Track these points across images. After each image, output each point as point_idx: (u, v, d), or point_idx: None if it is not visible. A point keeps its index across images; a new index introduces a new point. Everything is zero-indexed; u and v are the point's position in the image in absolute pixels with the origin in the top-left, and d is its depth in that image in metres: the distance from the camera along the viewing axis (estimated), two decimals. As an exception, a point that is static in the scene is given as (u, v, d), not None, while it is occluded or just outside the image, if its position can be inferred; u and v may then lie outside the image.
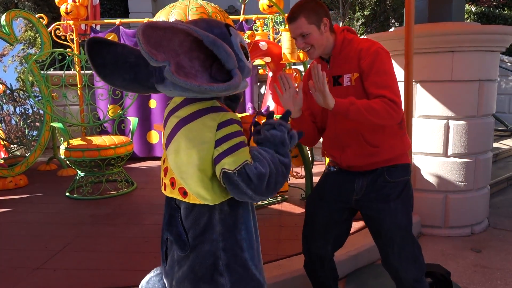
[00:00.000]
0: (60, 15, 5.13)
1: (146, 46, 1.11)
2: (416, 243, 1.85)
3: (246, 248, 1.40)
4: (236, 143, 1.26)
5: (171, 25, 1.16)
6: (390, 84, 1.68)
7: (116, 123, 4.42)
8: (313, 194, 2.02)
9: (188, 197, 1.35)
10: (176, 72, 1.14)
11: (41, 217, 3.38)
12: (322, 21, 1.75)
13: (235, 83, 1.21)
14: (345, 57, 1.78)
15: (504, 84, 6.82)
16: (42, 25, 4.64)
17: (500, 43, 3.11)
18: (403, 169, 1.82)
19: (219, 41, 1.20)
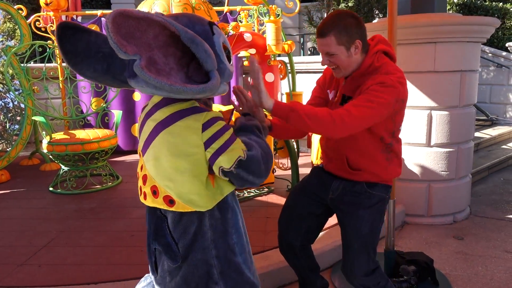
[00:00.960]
0: (40, 6, 5.00)
1: (115, 35, 1.01)
2: (373, 258, 1.82)
3: (239, 252, 1.36)
4: (226, 140, 1.22)
5: (146, 15, 1.06)
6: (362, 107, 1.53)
7: (99, 116, 4.36)
8: (297, 185, 2.05)
9: (176, 205, 1.27)
10: (146, 67, 1.05)
11: (24, 212, 3.33)
12: (353, 43, 1.61)
13: (212, 85, 1.12)
14: (362, 82, 1.65)
15: (485, 74, 6.94)
16: (21, 16, 4.53)
17: (482, 34, 3.15)
18: (383, 187, 1.80)
19: (199, 39, 1.10)
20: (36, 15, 4.89)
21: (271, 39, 3.50)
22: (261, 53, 3.65)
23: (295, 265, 2.03)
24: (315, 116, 1.49)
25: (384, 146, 1.76)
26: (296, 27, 11.12)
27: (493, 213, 3.56)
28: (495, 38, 8.04)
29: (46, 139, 3.74)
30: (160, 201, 1.30)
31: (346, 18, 1.61)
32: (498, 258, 2.76)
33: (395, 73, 1.65)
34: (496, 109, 6.88)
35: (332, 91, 1.85)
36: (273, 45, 3.50)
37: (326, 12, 8.83)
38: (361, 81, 1.66)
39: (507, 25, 8.19)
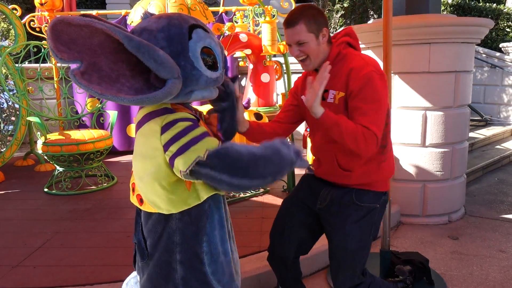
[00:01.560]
0: (35, 6, 4.98)
1: (53, 42, 1.01)
2: (358, 273, 1.77)
3: (208, 261, 1.30)
4: (186, 142, 1.15)
5: (88, 23, 1.03)
6: (375, 116, 1.56)
7: (94, 116, 4.35)
8: (289, 194, 2.01)
9: (144, 205, 1.29)
10: (82, 74, 1.04)
11: (19, 213, 3.31)
12: (321, 31, 1.65)
13: (154, 96, 1.08)
14: (335, 72, 1.65)
15: (479, 75, 6.98)
16: (15, 16, 4.51)
17: (476, 34, 3.18)
18: (374, 195, 1.74)
19: (146, 47, 1.06)
20: (30, 15, 4.87)
21: (267, 39, 3.50)
22: (256, 54, 3.65)
23: (282, 275, 1.97)
24: (353, 136, 1.52)
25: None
26: (292, 27, 11.14)
27: (487, 212, 3.59)
28: (489, 39, 8.09)
29: (41, 140, 3.73)
30: (134, 199, 1.34)
31: (310, 8, 1.66)
32: (492, 258, 2.78)
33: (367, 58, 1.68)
34: (490, 109, 6.92)
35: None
36: (268, 45, 3.50)
37: (322, 13, 8.87)
38: (334, 71, 1.64)
39: (501, 26, 8.25)
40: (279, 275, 1.98)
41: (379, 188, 1.76)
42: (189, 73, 1.17)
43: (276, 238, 1.91)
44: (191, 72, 1.18)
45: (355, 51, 1.72)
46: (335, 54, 1.68)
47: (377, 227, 1.81)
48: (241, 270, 2.29)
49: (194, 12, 3.22)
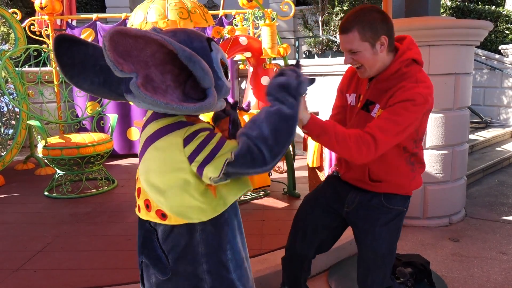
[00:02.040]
0: (35, 10, 4.99)
1: (112, 53, 1.02)
2: (387, 277, 1.75)
3: (233, 268, 1.33)
4: (211, 150, 1.18)
5: (144, 34, 1.06)
6: (388, 126, 1.46)
7: (95, 120, 4.35)
8: (310, 194, 1.94)
9: (168, 219, 1.27)
10: (142, 85, 1.06)
11: (19, 217, 3.31)
12: (379, 39, 1.50)
13: (208, 104, 1.13)
14: (387, 87, 1.55)
15: (478, 77, 6.99)
16: (16, 20, 4.52)
17: (475, 37, 3.19)
18: (402, 199, 1.71)
19: (196, 57, 1.10)
20: (31, 19, 4.88)
21: (267, 42, 3.51)
22: (256, 57, 3.66)
23: (295, 275, 1.95)
24: (344, 142, 1.43)
25: (408, 157, 1.66)
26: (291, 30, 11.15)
27: (488, 214, 3.58)
28: (488, 41, 8.11)
29: (41, 143, 3.73)
30: (153, 215, 1.30)
31: (370, 13, 1.50)
32: (493, 260, 2.78)
33: (425, 81, 1.54)
34: (490, 111, 6.93)
35: (352, 94, 1.73)
36: (268, 48, 3.51)
37: (321, 16, 8.88)
38: (387, 86, 1.55)
39: (500, 28, 8.26)
40: (293, 274, 1.95)
41: (406, 193, 1.73)
42: (216, 83, 1.20)
43: (298, 238, 1.86)
44: (217, 82, 1.21)
45: (417, 70, 1.58)
46: (394, 71, 1.55)
47: (400, 230, 1.79)
48: (242, 273, 2.30)
49: (194, 15, 3.23)
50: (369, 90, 1.63)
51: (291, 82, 1.21)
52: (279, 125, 1.17)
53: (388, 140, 1.47)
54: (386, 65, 1.56)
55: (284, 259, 1.97)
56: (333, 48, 8.53)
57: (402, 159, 1.65)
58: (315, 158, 3.14)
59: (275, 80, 1.24)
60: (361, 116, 1.64)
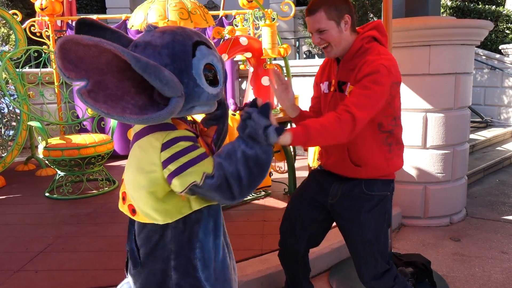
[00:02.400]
0: (35, 11, 5.00)
1: (61, 61, 1.04)
2: (381, 262, 1.78)
3: (201, 267, 1.32)
4: (185, 162, 1.18)
5: (96, 42, 1.05)
6: (363, 101, 1.55)
7: (95, 121, 4.35)
8: (296, 190, 2.02)
9: (137, 215, 1.30)
10: (89, 92, 1.07)
11: (20, 218, 3.31)
12: (343, 18, 1.64)
13: (158, 116, 1.11)
14: (353, 65, 1.66)
15: (479, 76, 6.99)
16: (16, 21, 4.52)
17: (475, 36, 3.19)
18: (383, 184, 1.77)
19: (153, 68, 1.08)
20: (31, 20, 4.89)
21: (267, 42, 3.51)
22: (257, 57, 3.66)
23: (292, 270, 2.00)
24: (326, 132, 1.50)
25: (385, 137, 1.72)
26: (292, 30, 11.15)
27: (489, 214, 3.58)
28: (489, 41, 8.10)
29: (42, 144, 3.73)
30: (126, 208, 1.34)
31: None
32: (494, 259, 2.77)
33: (386, 54, 1.65)
34: (491, 111, 6.93)
35: (325, 82, 1.83)
36: (268, 48, 3.51)
37: (321, 16, 8.88)
38: (353, 64, 1.66)
39: (500, 28, 8.26)
40: (290, 270, 2.01)
41: (387, 177, 1.78)
42: (191, 90, 1.19)
43: (287, 234, 1.94)
44: (193, 89, 1.20)
45: (379, 46, 1.69)
46: (357, 48, 1.67)
47: (390, 214, 1.82)
48: (243, 273, 2.30)
49: (194, 15, 3.23)
50: (339, 72, 1.74)
51: (259, 134, 1.19)
52: (255, 170, 1.20)
53: (364, 115, 1.54)
54: (350, 44, 1.68)
55: (279, 255, 2.03)
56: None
57: (378, 138, 1.72)
58: (316, 158, 3.14)
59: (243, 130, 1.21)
60: (336, 98, 1.72)
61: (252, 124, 1.19)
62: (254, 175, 1.20)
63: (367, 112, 1.56)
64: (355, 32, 1.71)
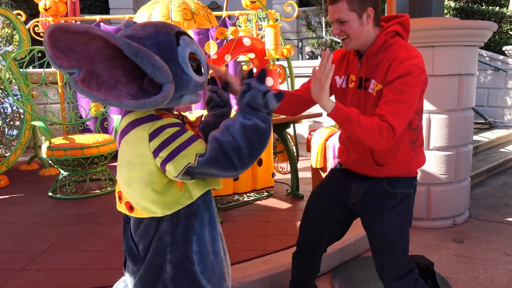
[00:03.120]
0: (39, 12, 5.01)
1: (51, 49, 1.02)
2: (404, 261, 1.74)
3: (197, 261, 1.32)
4: (176, 147, 1.18)
5: (86, 29, 1.05)
6: (398, 108, 1.50)
7: (98, 121, 4.36)
8: (316, 188, 1.97)
9: (134, 211, 1.29)
10: (84, 81, 1.07)
11: (23, 217, 3.32)
12: (366, 11, 1.56)
13: (155, 101, 1.12)
14: (378, 61, 1.60)
15: (482, 78, 6.97)
16: (20, 22, 4.54)
17: (479, 37, 3.18)
18: (406, 181, 1.72)
19: (144, 53, 1.09)
20: (35, 20, 4.90)
21: (270, 43, 3.51)
22: (260, 57, 3.66)
23: (305, 269, 1.97)
24: (367, 130, 1.47)
25: (412, 135, 1.68)
26: (295, 31, 11.16)
27: (492, 216, 3.57)
28: (492, 42, 8.08)
29: (45, 144, 3.74)
30: (123, 207, 1.34)
31: None
32: (498, 261, 2.76)
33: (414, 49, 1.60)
34: (494, 112, 6.91)
35: (342, 76, 1.74)
36: (272, 49, 3.51)
37: (324, 17, 8.87)
38: (378, 60, 1.60)
39: (504, 29, 8.24)
40: (302, 269, 1.98)
41: (409, 175, 1.73)
42: (179, 77, 1.20)
43: (307, 232, 1.91)
44: (181, 77, 1.20)
45: (402, 41, 1.63)
46: (381, 42, 1.60)
47: (411, 213, 1.78)
48: (246, 274, 2.30)
49: (198, 16, 3.23)
50: (361, 68, 1.66)
51: (258, 102, 1.18)
52: (254, 138, 1.18)
53: (401, 122, 1.51)
54: (371, 39, 1.61)
55: (295, 253, 1.99)
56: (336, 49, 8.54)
57: (406, 137, 1.66)
58: (319, 159, 3.14)
59: (242, 100, 1.21)
60: (359, 95, 1.66)
61: (251, 93, 1.18)
62: (254, 145, 1.18)
63: (404, 119, 1.53)
64: (379, 26, 1.63)
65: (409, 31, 1.68)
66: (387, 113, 1.49)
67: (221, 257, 1.40)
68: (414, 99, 1.55)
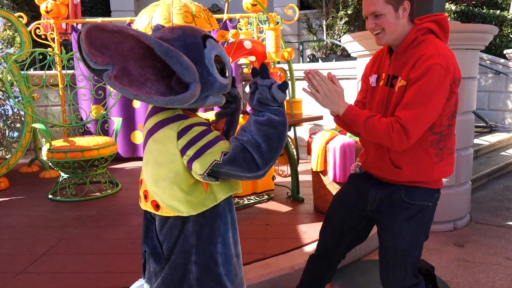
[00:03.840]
0: (40, 14, 5.03)
1: (87, 47, 1.08)
2: (411, 276, 1.69)
3: (222, 262, 1.34)
4: (202, 145, 1.21)
5: (120, 29, 1.11)
6: (416, 112, 1.46)
7: (99, 123, 4.37)
8: (337, 194, 1.93)
9: (160, 210, 1.31)
10: (117, 77, 1.12)
11: (23, 220, 3.31)
12: (402, 4, 1.53)
13: (182, 98, 1.16)
14: (407, 58, 1.56)
15: (483, 81, 6.97)
16: (21, 24, 4.55)
17: (480, 41, 3.17)
18: (425, 192, 1.63)
19: (174, 52, 1.13)
20: (36, 22, 4.91)
21: (271, 46, 3.52)
22: (261, 60, 3.66)
23: (321, 274, 1.94)
24: (375, 134, 1.50)
25: (434, 139, 1.60)
26: (296, 34, 11.17)
27: (493, 219, 3.56)
28: (493, 45, 8.08)
29: (45, 146, 3.74)
30: (149, 205, 1.35)
31: None
32: (499, 265, 2.75)
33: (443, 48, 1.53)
34: (495, 116, 6.90)
35: (373, 75, 1.73)
36: (272, 52, 3.51)
37: (325, 20, 8.88)
38: (406, 57, 1.57)
39: (505, 32, 8.24)
40: (318, 274, 1.94)
41: (430, 185, 1.64)
42: (205, 78, 1.23)
43: (327, 236, 1.88)
44: (207, 77, 1.24)
45: (435, 39, 1.57)
46: (412, 39, 1.56)
47: (428, 226, 1.70)
48: (245, 277, 2.29)
49: (198, 19, 3.24)
50: (391, 66, 1.63)
51: (266, 96, 1.22)
52: (270, 132, 1.21)
53: (419, 126, 1.48)
54: (404, 34, 1.58)
55: (312, 257, 1.96)
56: (337, 52, 8.52)
57: (427, 140, 1.59)
58: (319, 162, 3.14)
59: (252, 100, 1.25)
60: (384, 92, 1.63)
61: (258, 90, 1.23)
62: (271, 138, 1.20)
63: (424, 123, 1.49)
64: (412, 22, 1.60)
65: (447, 30, 1.62)
66: (404, 116, 1.47)
67: (241, 260, 1.45)
68: (437, 102, 1.48)
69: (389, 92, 1.61)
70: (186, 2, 3.32)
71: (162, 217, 1.33)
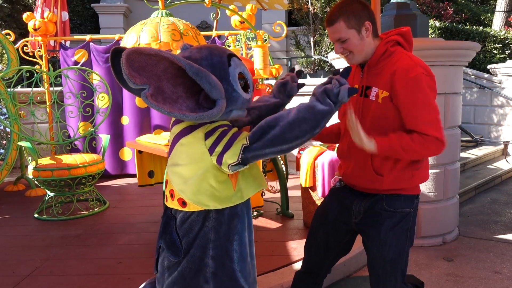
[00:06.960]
0: (28, 31, 5.02)
1: (128, 69, 1.21)
2: (400, 283, 1.72)
3: (237, 259, 1.45)
4: (228, 139, 1.33)
5: (156, 52, 1.23)
6: (429, 119, 1.56)
7: (87, 140, 4.33)
8: (319, 209, 1.93)
9: (188, 206, 1.42)
10: (152, 95, 1.25)
11: (7, 240, 3.24)
12: (363, 25, 1.61)
13: (211, 114, 1.28)
14: (379, 70, 1.65)
15: (468, 95, 7.08)
16: (9, 41, 4.53)
17: (464, 57, 3.24)
18: (406, 200, 1.69)
19: (203, 72, 1.25)
20: (24, 40, 4.90)
21: (259, 63, 3.54)
22: (249, 77, 3.68)
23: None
24: (412, 150, 1.55)
25: None
26: (284, 50, 11.28)
27: (481, 233, 3.58)
28: (477, 61, 8.24)
29: (32, 165, 3.69)
30: (175, 203, 1.46)
31: (352, 3, 1.63)
32: (488, 279, 2.76)
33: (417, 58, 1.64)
34: (481, 129, 7.00)
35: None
36: (260, 69, 3.54)
37: (313, 37, 9.00)
38: (379, 68, 1.65)
39: (488, 48, 8.41)
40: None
41: (410, 192, 1.71)
42: (230, 94, 1.37)
43: (312, 253, 1.89)
44: (231, 94, 1.37)
45: (403, 50, 1.68)
46: (382, 52, 1.65)
47: (412, 232, 1.75)
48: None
49: (186, 37, 3.25)
50: (363, 78, 1.71)
51: (332, 89, 1.32)
52: (307, 115, 1.30)
53: (438, 127, 1.58)
54: (372, 49, 1.66)
55: (299, 273, 1.97)
56: (325, 68, 8.61)
57: None
58: (308, 178, 3.14)
59: (319, 86, 1.36)
60: (359, 102, 1.69)
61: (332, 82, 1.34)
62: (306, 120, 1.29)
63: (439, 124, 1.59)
64: (378, 37, 1.69)
65: (411, 42, 1.72)
66: (424, 129, 1.55)
67: (255, 261, 1.56)
68: (434, 102, 1.61)
69: (364, 102, 1.68)
70: (174, 20, 3.34)
71: (185, 214, 1.44)
